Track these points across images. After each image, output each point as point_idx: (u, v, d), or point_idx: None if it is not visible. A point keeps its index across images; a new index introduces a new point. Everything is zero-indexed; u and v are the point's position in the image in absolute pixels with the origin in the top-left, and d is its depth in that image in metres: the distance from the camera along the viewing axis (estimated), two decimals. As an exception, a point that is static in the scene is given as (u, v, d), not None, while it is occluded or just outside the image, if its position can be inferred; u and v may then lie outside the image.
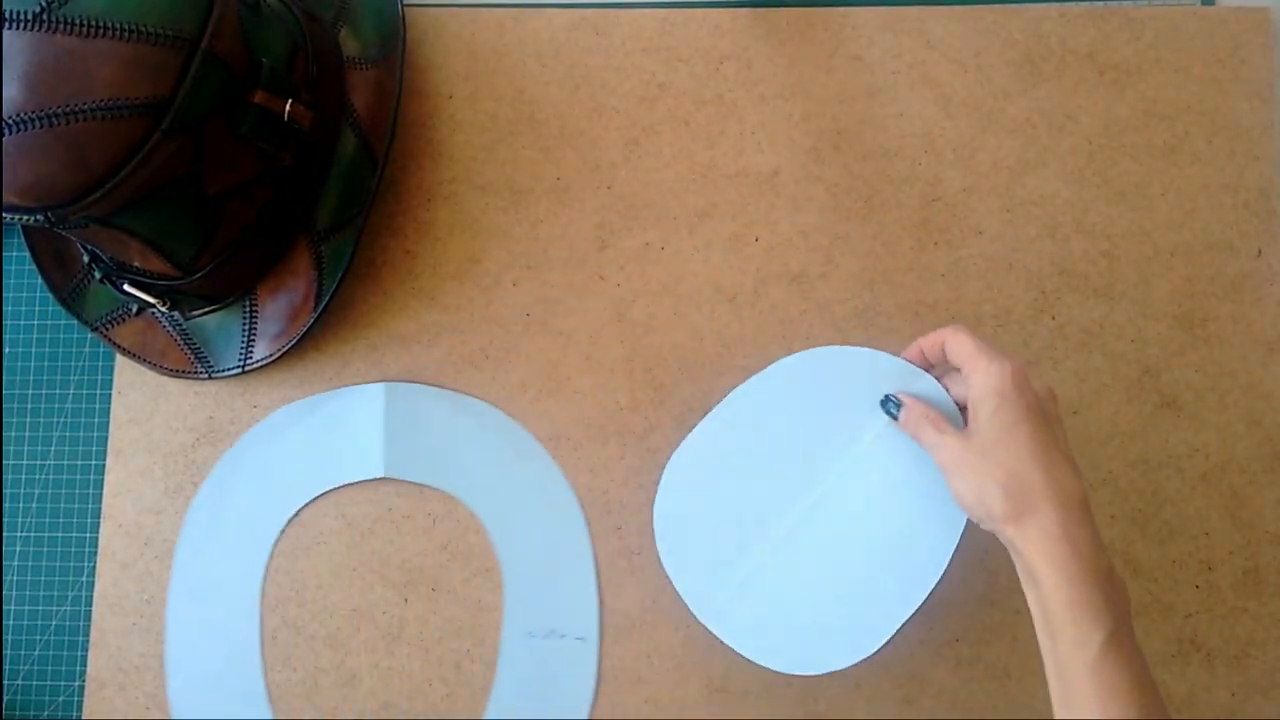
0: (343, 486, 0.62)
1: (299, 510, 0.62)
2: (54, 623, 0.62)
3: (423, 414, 0.62)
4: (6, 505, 0.64)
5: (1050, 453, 0.43)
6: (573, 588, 0.61)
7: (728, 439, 0.54)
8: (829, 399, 0.53)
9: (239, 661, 0.61)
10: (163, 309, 0.60)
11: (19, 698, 0.62)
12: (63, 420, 0.64)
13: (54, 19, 0.46)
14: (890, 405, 0.50)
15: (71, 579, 0.63)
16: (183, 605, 0.62)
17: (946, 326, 0.48)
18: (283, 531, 0.62)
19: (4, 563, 0.63)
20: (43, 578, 0.63)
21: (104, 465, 0.64)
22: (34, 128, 0.46)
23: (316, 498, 0.62)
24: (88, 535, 0.63)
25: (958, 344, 0.47)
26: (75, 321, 0.63)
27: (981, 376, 0.45)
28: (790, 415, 0.53)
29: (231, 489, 0.63)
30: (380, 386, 0.63)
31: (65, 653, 0.62)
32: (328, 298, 0.60)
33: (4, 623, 0.63)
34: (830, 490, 0.53)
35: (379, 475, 0.62)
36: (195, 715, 0.60)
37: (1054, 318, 0.62)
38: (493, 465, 0.62)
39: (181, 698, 0.61)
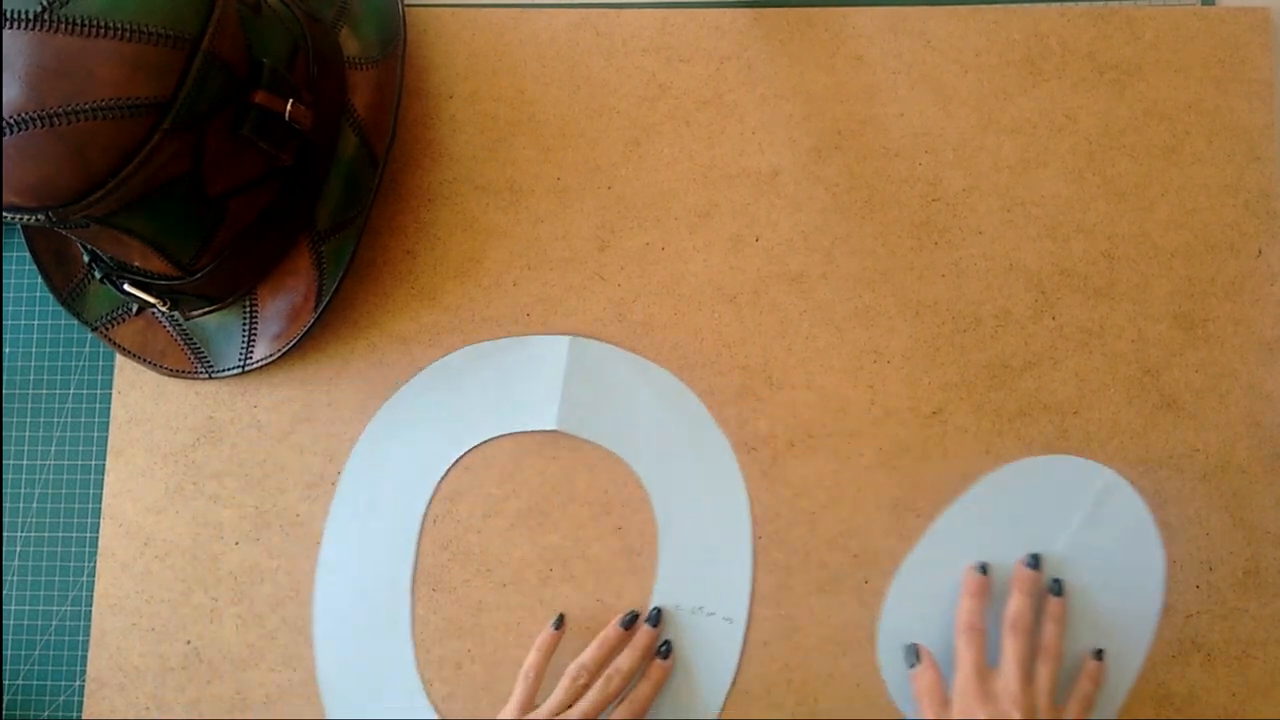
0: (515, 435, 0.62)
1: (468, 451, 0.62)
2: (54, 623, 0.62)
3: (602, 371, 0.62)
4: (6, 505, 0.64)
5: None
6: (727, 567, 0.60)
7: (949, 552, 0.60)
8: (1029, 509, 0.60)
9: (389, 597, 0.61)
10: (163, 309, 0.60)
11: (19, 698, 0.62)
12: (63, 420, 0.64)
13: (55, 19, 0.46)
14: (910, 655, 0.58)
15: (71, 579, 0.63)
16: (341, 529, 0.62)
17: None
18: (445, 476, 0.62)
19: (4, 563, 0.63)
20: (43, 578, 0.63)
21: (104, 465, 0.64)
22: (34, 127, 0.46)
23: (488, 441, 0.62)
24: (88, 535, 0.63)
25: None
26: (75, 321, 0.63)
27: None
28: (996, 526, 0.60)
29: (403, 422, 0.63)
30: (565, 339, 0.63)
31: (65, 653, 0.62)
32: (328, 298, 0.60)
33: (4, 623, 0.63)
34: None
35: (551, 427, 0.62)
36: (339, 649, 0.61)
37: (1054, 318, 0.62)
38: (663, 432, 0.62)
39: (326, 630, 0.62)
